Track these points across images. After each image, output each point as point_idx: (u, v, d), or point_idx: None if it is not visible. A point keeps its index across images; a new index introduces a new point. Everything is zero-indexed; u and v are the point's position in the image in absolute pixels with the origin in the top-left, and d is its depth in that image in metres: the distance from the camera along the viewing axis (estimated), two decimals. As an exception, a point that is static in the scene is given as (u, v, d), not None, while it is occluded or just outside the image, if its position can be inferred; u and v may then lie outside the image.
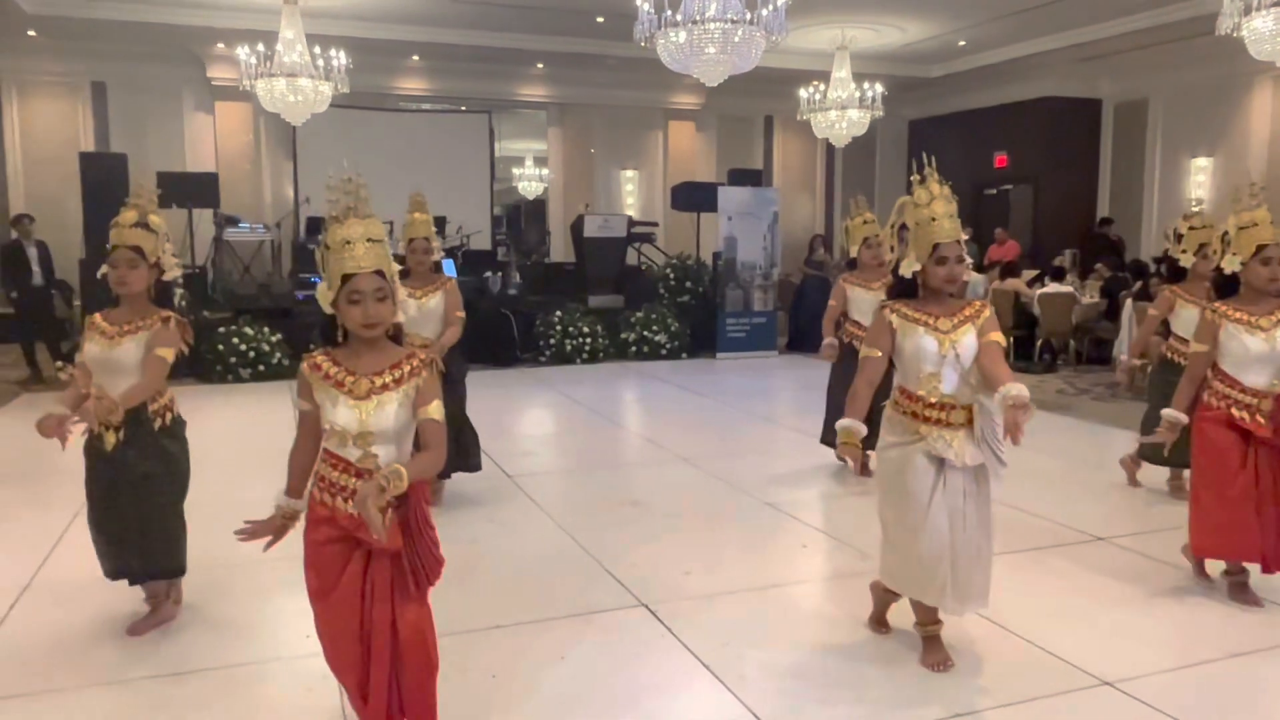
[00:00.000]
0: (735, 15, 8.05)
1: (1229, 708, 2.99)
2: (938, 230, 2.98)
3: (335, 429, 2.41)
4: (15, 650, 3.44)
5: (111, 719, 2.98)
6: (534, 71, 14.36)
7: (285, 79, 9.78)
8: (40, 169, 12.84)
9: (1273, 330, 3.57)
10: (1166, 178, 13.62)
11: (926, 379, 3.01)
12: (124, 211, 3.39)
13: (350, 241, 2.39)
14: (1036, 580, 4.07)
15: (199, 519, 3.76)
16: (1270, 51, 7.21)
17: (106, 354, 3.32)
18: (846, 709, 2.98)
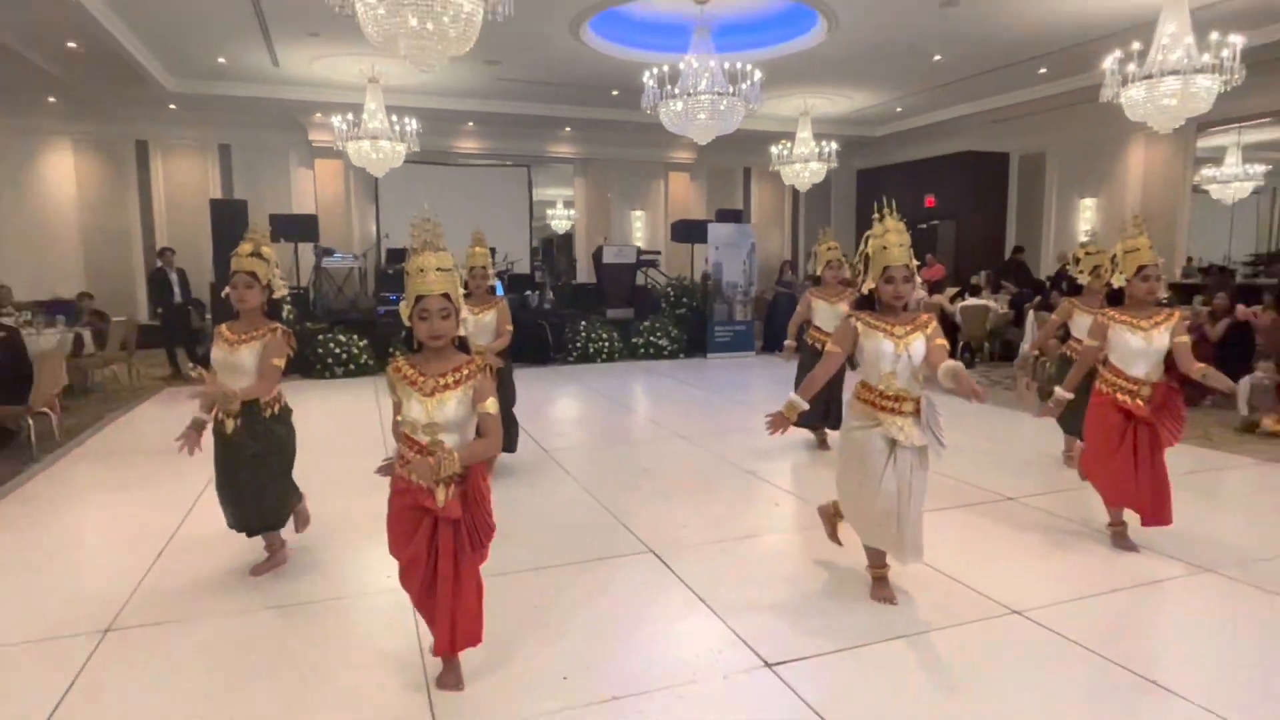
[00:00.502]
0: (720, 89, 8.03)
1: (1112, 630, 2.97)
2: (888, 256, 2.99)
3: (409, 419, 2.46)
4: (162, 587, 3.47)
5: (232, 641, 2.98)
6: (563, 134, 14.35)
7: (369, 141, 9.79)
8: (179, 212, 12.90)
9: (1150, 331, 3.59)
10: (1060, 215, 13.53)
11: (885, 376, 3.01)
12: (242, 244, 3.43)
13: (424, 270, 2.43)
14: (960, 531, 4.05)
15: (303, 484, 3.77)
16: (1142, 115, 7.14)
17: (228, 358, 3.36)
18: (811, 632, 2.98)
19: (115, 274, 12.61)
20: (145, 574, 3.59)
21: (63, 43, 8.55)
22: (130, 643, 2.97)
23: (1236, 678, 2.65)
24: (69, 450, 5.98)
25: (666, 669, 2.73)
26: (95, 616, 3.15)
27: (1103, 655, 2.78)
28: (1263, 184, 11.11)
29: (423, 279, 2.42)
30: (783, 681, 2.65)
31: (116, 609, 3.22)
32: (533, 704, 2.52)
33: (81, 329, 8.82)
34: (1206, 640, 2.94)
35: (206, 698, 2.58)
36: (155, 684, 2.67)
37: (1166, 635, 2.99)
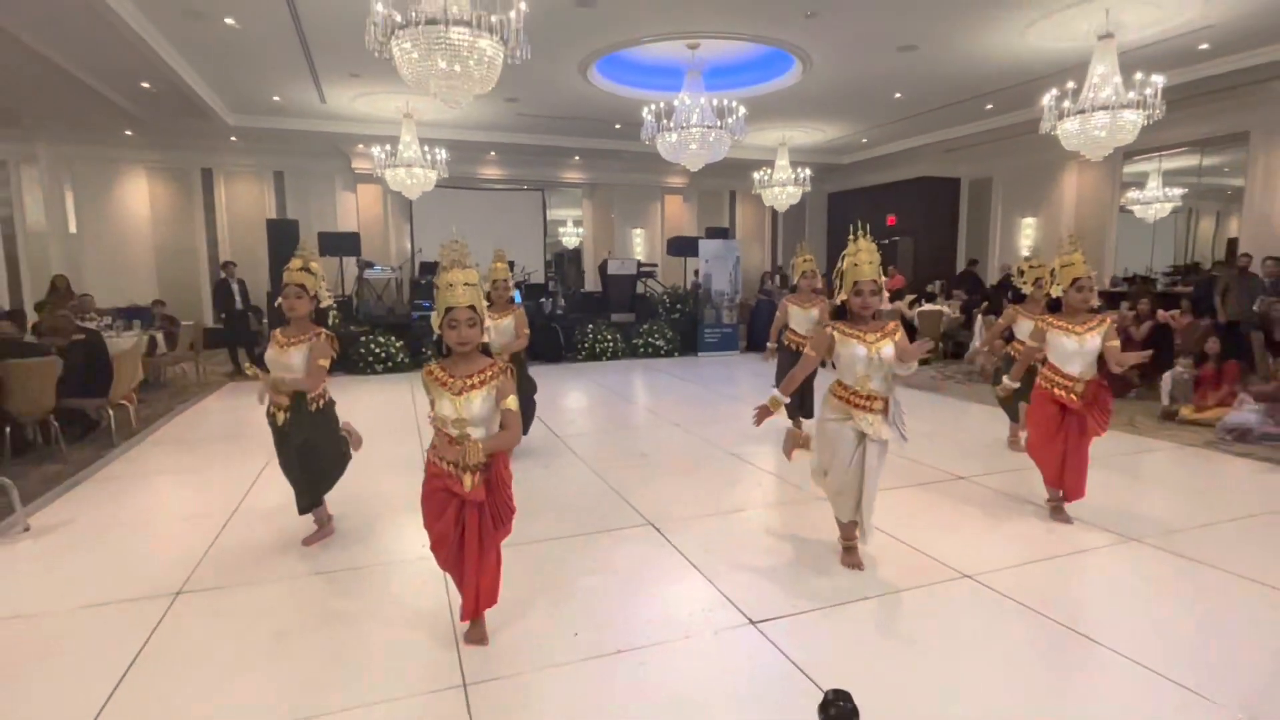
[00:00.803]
0: (710, 122, 8.00)
1: (1051, 591, 2.97)
2: (859, 272, 3.00)
3: (440, 415, 2.47)
4: (226, 556, 3.46)
5: (286, 603, 2.98)
6: (573, 162, 14.31)
7: (404, 168, 9.75)
8: (240, 230, 12.86)
9: (1084, 335, 3.61)
10: (1005, 232, 13.49)
11: (860, 378, 3.02)
12: (293, 259, 3.44)
13: (453, 285, 2.43)
14: (918, 506, 4.05)
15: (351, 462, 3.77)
16: (1076, 144, 7.11)
17: (278, 358, 3.37)
18: (790, 594, 2.97)
19: (184, 284, 12.59)
20: (211, 544, 3.58)
21: (137, 83, 8.52)
22: (198, 604, 2.97)
23: (1159, 632, 2.65)
24: (144, 437, 5.96)
25: (664, 626, 2.72)
26: (168, 581, 3.14)
27: (1042, 613, 2.77)
28: (1180, 205, 11.09)
29: (451, 293, 2.42)
30: (765, 637, 2.64)
31: (186, 574, 3.22)
32: (548, 656, 2.52)
33: (155, 332, 8.80)
34: (1133, 600, 2.93)
35: (264, 652, 2.58)
36: (219, 640, 2.66)
37: (1098, 596, 2.98)
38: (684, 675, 2.42)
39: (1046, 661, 2.48)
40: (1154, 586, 3.05)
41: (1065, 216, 12.22)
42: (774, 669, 2.44)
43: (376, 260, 12.70)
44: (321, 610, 2.90)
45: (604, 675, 2.41)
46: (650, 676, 2.40)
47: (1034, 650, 2.54)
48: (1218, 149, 10.43)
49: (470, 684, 2.36)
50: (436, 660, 2.50)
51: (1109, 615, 2.79)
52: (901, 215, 14.78)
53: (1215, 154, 10.56)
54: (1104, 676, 2.39)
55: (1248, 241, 9.45)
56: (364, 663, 2.50)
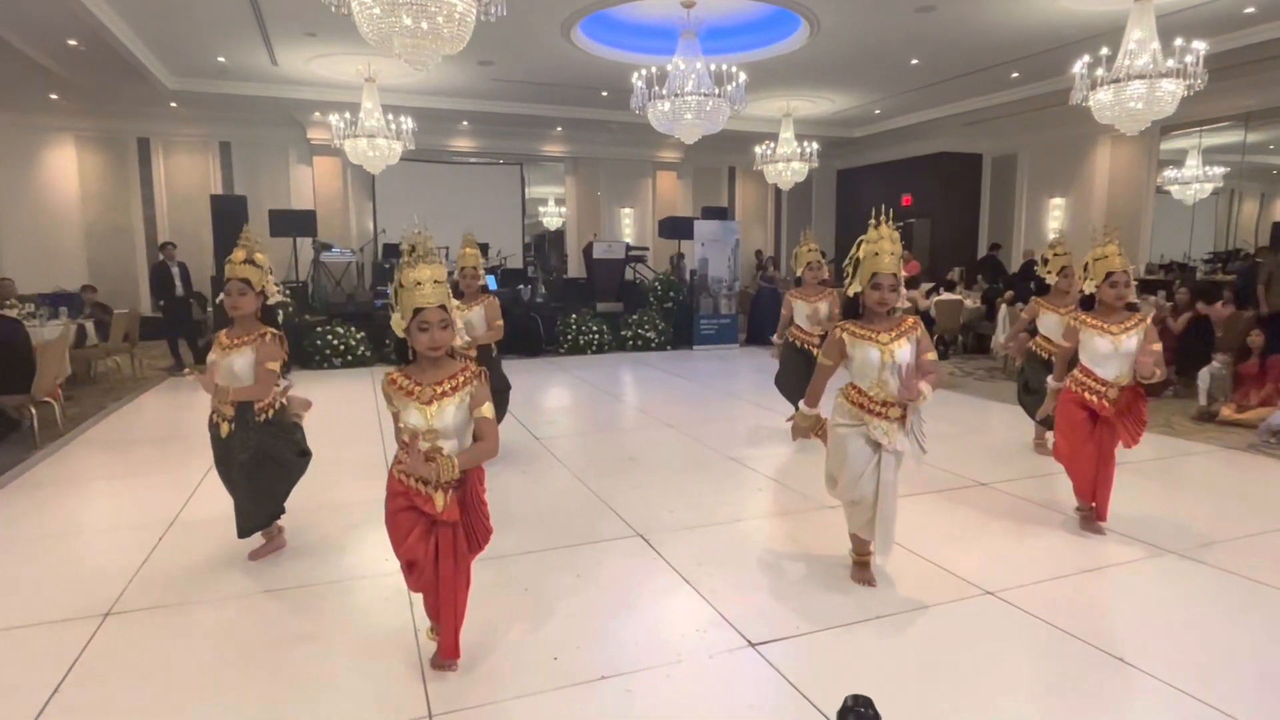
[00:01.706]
0: (707, 90, 7.98)
1: (1080, 610, 2.98)
2: (878, 263, 2.93)
3: (408, 426, 2.38)
4: (163, 572, 3.41)
5: (231, 624, 2.94)
6: (554, 133, 14.25)
7: (366, 139, 9.67)
8: (180, 206, 12.72)
9: (1119, 335, 3.57)
10: (1031, 214, 13.58)
11: (876, 382, 2.97)
12: (235, 251, 3.33)
13: (420, 282, 2.35)
14: (936, 516, 4.05)
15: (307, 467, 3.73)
16: (1110, 117, 7.14)
17: (221, 361, 3.28)
18: (793, 612, 2.96)
19: (118, 268, 12.44)
20: (146, 559, 3.53)
21: (63, 40, 8.38)
22: (131, 626, 2.92)
23: (1196, 653, 2.66)
24: (72, 438, 5.89)
25: (653, 649, 2.71)
26: (96, 600, 3.09)
27: (1071, 634, 2.78)
28: (1221, 185, 11.20)
29: (420, 292, 2.34)
30: (766, 660, 2.63)
31: (117, 593, 3.17)
32: (524, 683, 2.50)
33: (84, 321, 8.69)
34: (1169, 619, 2.95)
35: (205, 679, 2.54)
36: (155, 666, 2.62)
37: (1131, 614, 3.00)
38: (675, 703, 2.40)
39: (1076, 687, 2.48)
40: (1191, 604, 3.07)
41: (1097, 197, 12.31)
42: (775, 696, 2.43)
43: (335, 242, 12.60)
44: (271, 633, 2.86)
45: (586, 703, 2.39)
46: (637, 705, 2.39)
47: (1062, 674, 2.54)
48: (1263, 123, 10.52)
49: (437, 715, 2.33)
50: (400, 688, 2.48)
51: (1143, 635, 2.81)
52: (918, 195, 14.84)
53: (1260, 129, 10.65)
54: (1139, 702, 2.40)
55: (1294, 225, 9.55)
56: (319, 691, 2.47)
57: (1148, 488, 4.71)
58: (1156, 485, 4.78)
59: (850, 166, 16.48)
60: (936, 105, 12.51)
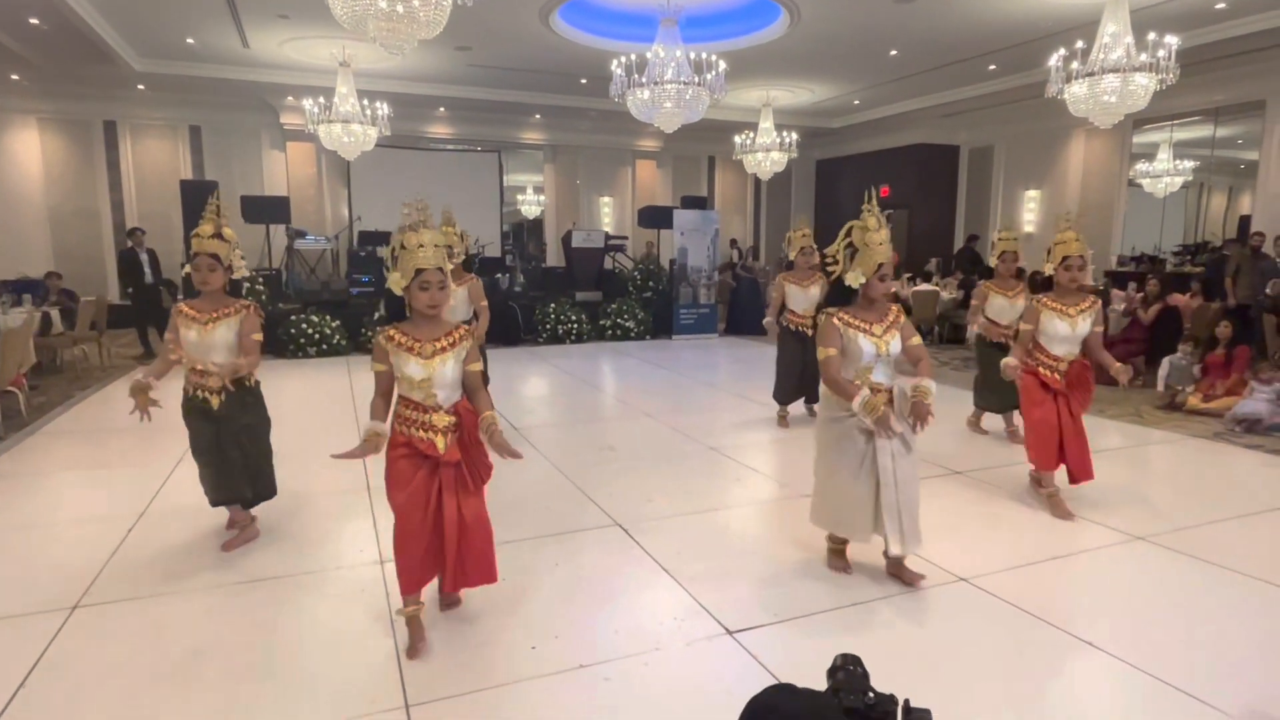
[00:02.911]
0: (686, 78, 7.95)
1: (1052, 595, 3.04)
2: (881, 252, 2.93)
3: (406, 378, 2.57)
4: (132, 564, 3.36)
5: (202, 616, 2.90)
6: (533, 121, 14.13)
7: (341, 124, 9.52)
8: (149, 192, 12.45)
9: (1076, 317, 3.87)
10: (1007, 205, 13.73)
11: (862, 371, 2.98)
12: (203, 225, 3.32)
13: (423, 245, 2.52)
14: (910, 503, 4.09)
15: (281, 458, 3.69)
16: (1084, 110, 7.23)
17: (203, 338, 3.31)
18: (770, 600, 2.99)
19: (84, 254, 12.15)
20: (115, 551, 3.47)
21: (25, 18, 8.13)
22: (100, 619, 2.87)
23: (1162, 636, 2.72)
24: (38, 429, 5.76)
25: (632, 637, 2.72)
26: (63, 593, 3.04)
27: (1042, 618, 2.83)
28: (1190, 179, 11.40)
29: (422, 254, 2.51)
30: (743, 648, 2.65)
31: (85, 585, 3.11)
32: (501, 672, 2.49)
33: (49, 308, 8.48)
34: (1137, 603, 3.01)
35: (176, 673, 2.51)
36: (124, 659, 2.58)
37: (1100, 599, 3.06)
38: (653, 691, 2.41)
39: (1047, 670, 2.53)
40: (1159, 588, 3.14)
41: (1071, 189, 12.47)
42: (753, 683, 2.44)
43: (309, 229, 12.42)
44: (244, 624, 2.83)
45: (564, 692, 2.40)
46: (616, 693, 2.40)
47: (1033, 658, 2.59)
48: (1232, 118, 10.71)
49: (413, 705, 2.32)
50: (376, 678, 2.46)
51: (1111, 620, 2.86)
52: (896, 186, 14.94)
53: (1229, 124, 10.85)
54: (1106, 684, 2.45)
55: (1261, 219, 9.76)
56: (293, 682, 2.45)
57: (1118, 475, 4.80)
58: (1126, 473, 4.87)
59: (829, 157, 16.53)
60: (915, 96, 12.59)
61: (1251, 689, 2.40)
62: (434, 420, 2.60)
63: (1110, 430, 5.87)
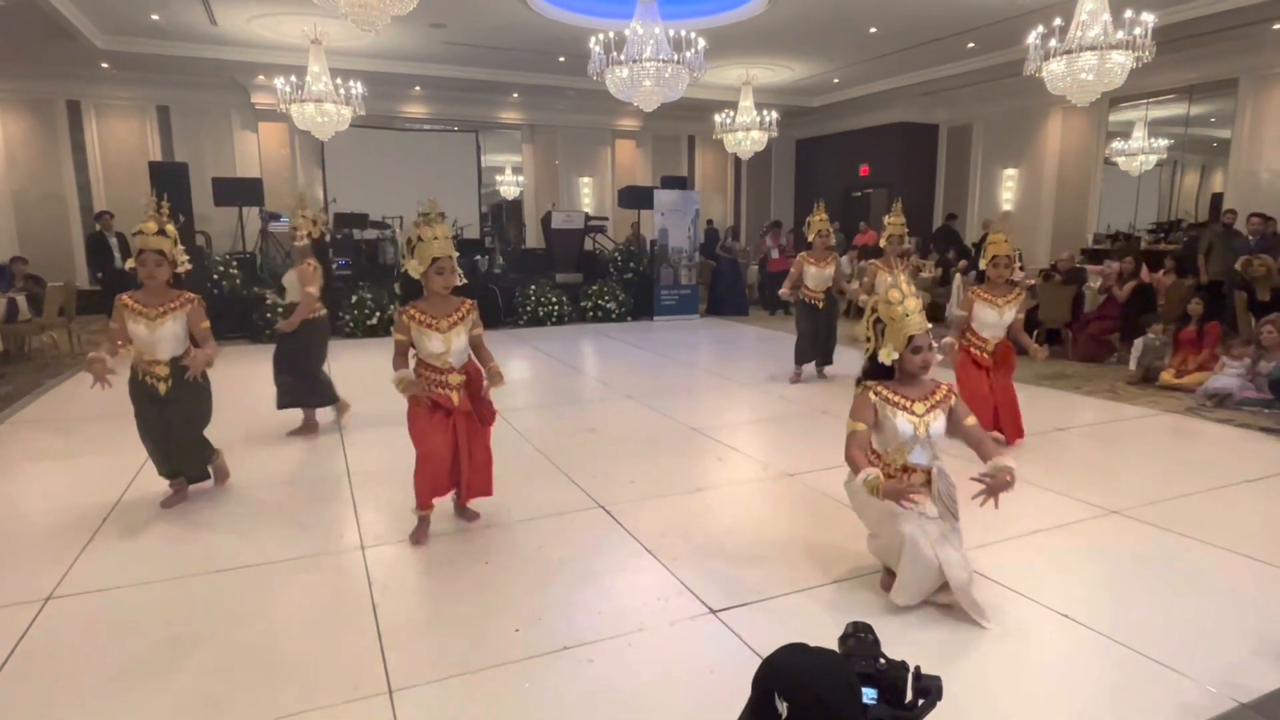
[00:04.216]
0: (666, 56, 7.86)
1: (1027, 568, 3.07)
2: (911, 324, 2.69)
3: (428, 350, 3.22)
4: (106, 554, 3.31)
5: (178, 605, 2.86)
6: (511, 100, 13.94)
7: (314, 104, 9.32)
8: (117, 174, 12.14)
9: (1004, 307, 4.55)
10: (985, 183, 13.81)
11: (896, 450, 2.77)
12: (147, 223, 3.51)
13: (437, 237, 3.13)
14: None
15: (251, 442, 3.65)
16: (1062, 88, 7.25)
17: (153, 332, 3.53)
18: (754, 579, 3.01)
19: (51, 238, 11.85)
20: (89, 540, 3.41)
21: (-19, -6, 7.86)
22: (75, 609, 2.82)
23: (1133, 606, 2.78)
24: (5, 418, 5.64)
25: (616, 618, 2.72)
26: (37, 584, 2.98)
27: (1019, 592, 2.88)
28: (1164, 157, 11.52)
29: (438, 244, 3.12)
30: (727, 627, 2.67)
31: (59, 576, 3.06)
32: (484, 656, 2.49)
33: (15, 294, 8.28)
34: (1113, 575, 3.07)
35: (154, 662, 2.47)
36: (101, 650, 2.54)
37: (1077, 572, 3.11)
38: (637, 671, 2.42)
39: (1023, 642, 2.57)
40: (1132, 560, 3.20)
41: (1048, 168, 12.56)
42: (738, 662, 2.46)
43: (283, 211, 12.17)
44: (222, 612, 2.80)
45: (548, 675, 2.40)
46: (600, 674, 2.40)
47: (1009, 631, 2.63)
48: (1206, 96, 10.82)
49: (397, 690, 2.31)
50: (358, 665, 2.45)
51: (1086, 592, 2.92)
52: (875, 165, 14.96)
53: (1203, 102, 10.96)
54: (1081, 655, 2.49)
55: (1233, 196, 9.89)
56: (274, 671, 2.43)
57: (1093, 450, 4.88)
58: (1101, 448, 4.95)
59: (809, 136, 16.49)
60: (894, 75, 12.56)
61: (1225, 658, 2.46)
62: (449, 380, 3.27)
63: (1085, 406, 5.95)
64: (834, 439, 4.95)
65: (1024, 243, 11.79)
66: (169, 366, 3.57)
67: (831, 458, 4.48)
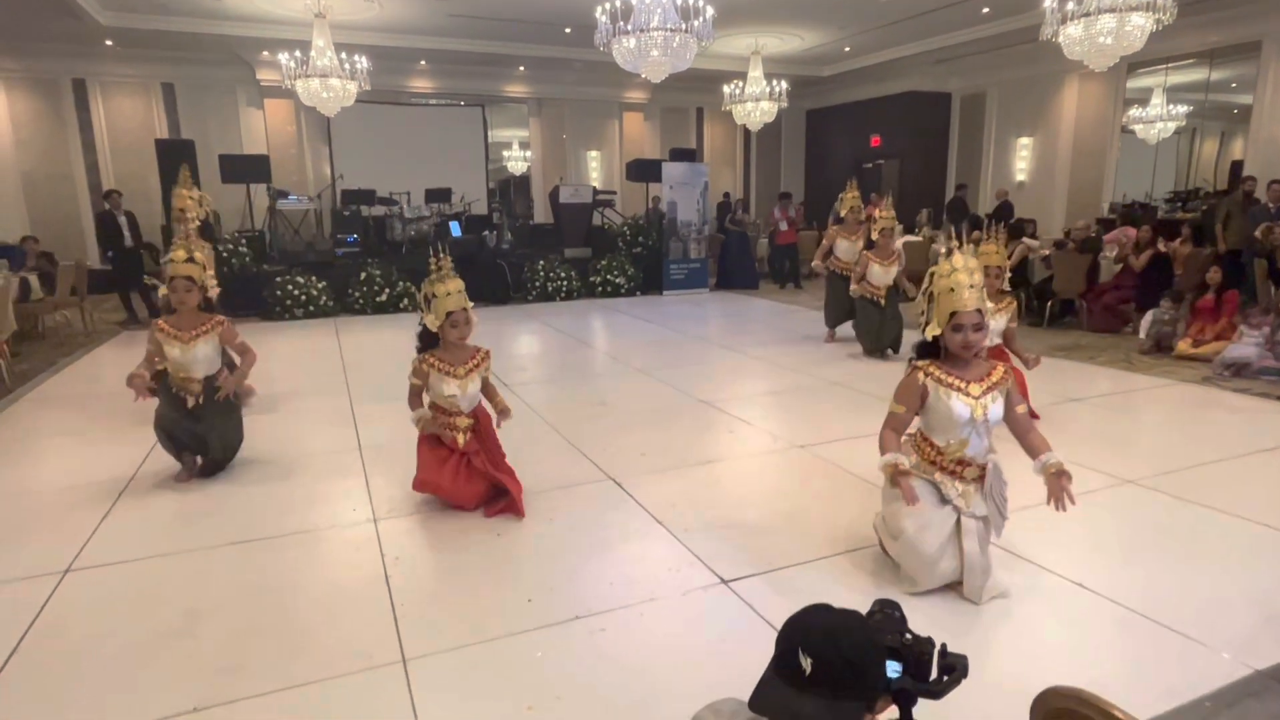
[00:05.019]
0: (673, 25, 7.74)
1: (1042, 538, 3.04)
2: (956, 300, 2.50)
3: (445, 395, 3.36)
4: (123, 527, 3.34)
5: (195, 577, 2.89)
6: (517, 73, 13.77)
7: (319, 79, 9.24)
8: (124, 153, 12.12)
9: (995, 316, 4.23)
10: (999, 153, 13.57)
11: (956, 442, 2.60)
12: (176, 250, 3.73)
13: (450, 293, 3.30)
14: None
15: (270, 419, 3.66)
16: (1079, 53, 7.08)
17: (186, 355, 3.73)
18: (764, 549, 3.00)
19: (61, 217, 11.87)
20: (105, 514, 3.45)
21: (-17, -30, 7.79)
22: (92, 582, 2.86)
23: (1154, 577, 2.76)
24: (21, 395, 5.68)
25: (627, 588, 2.73)
26: (55, 557, 3.02)
27: (1035, 563, 2.86)
28: (1183, 124, 11.27)
29: (451, 299, 3.30)
30: (738, 596, 2.67)
31: (76, 549, 3.09)
32: (497, 626, 2.50)
33: (28, 273, 8.31)
34: (1127, 545, 3.05)
35: (171, 633, 2.50)
36: (118, 621, 2.57)
37: (1092, 541, 3.09)
38: (648, 640, 2.43)
39: (1039, 613, 2.56)
40: (1147, 529, 3.17)
41: (1064, 136, 12.33)
42: (749, 630, 2.47)
43: (291, 189, 12.15)
44: (238, 584, 2.82)
45: (560, 644, 2.41)
46: (611, 643, 2.41)
47: (1025, 602, 2.62)
48: (1227, 61, 10.55)
49: (411, 659, 2.33)
50: (372, 635, 2.46)
51: (1103, 562, 2.90)
52: (887, 136, 14.73)
53: (1224, 67, 10.69)
54: (1096, 624, 2.48)
55: (1253, 164, 9.68)
56: (290, 641, 2.45)
57: (1107, 420, 4.83)
58: (1116, 418, 4.90)
59: (819, 107, 16.24)
60: (906, 42, 12.31)
61: (1240, 626, 2.44)
62: (457, 422, 3.40)
63: (1099, 376, 5.89)
64: (845, 410, 4.95)
65: (1038, 213, 11.62)
66: (202, 384, 3.78)
67: (843, 430, 4.47)
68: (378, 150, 12.85)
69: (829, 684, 1.03)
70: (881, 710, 1.13)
